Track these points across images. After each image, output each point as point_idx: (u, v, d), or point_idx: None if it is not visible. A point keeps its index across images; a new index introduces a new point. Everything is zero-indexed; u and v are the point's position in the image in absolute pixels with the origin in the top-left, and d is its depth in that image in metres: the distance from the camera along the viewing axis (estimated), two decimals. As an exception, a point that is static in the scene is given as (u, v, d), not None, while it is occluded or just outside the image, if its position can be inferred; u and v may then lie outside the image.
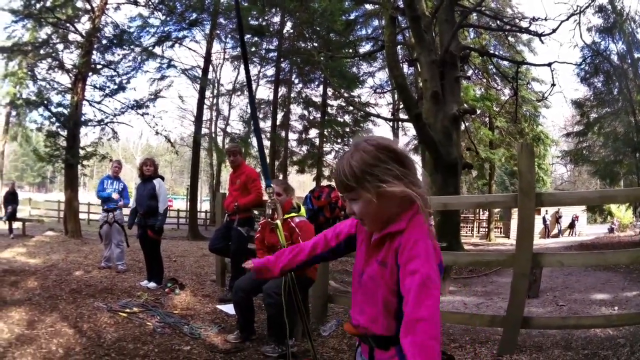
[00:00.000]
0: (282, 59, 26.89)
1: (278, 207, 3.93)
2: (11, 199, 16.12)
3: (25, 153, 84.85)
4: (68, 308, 5.96)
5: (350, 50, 24.76)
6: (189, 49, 26.58)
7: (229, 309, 6.38)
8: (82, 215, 19.46)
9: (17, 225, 16.27)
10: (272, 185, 3.80)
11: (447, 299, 8.98)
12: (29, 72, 19.07)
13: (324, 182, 26.76)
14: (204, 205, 34.91)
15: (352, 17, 25.63)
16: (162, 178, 8.19)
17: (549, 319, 6.57)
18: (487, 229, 31.87)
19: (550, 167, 37.83)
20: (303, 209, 5.19)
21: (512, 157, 27.70)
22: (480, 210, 30.83)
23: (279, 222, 3.81)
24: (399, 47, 17.76)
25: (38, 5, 17.45)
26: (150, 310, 6.13)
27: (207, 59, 23.85)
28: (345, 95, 27.57)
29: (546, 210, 32.82)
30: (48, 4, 17.78)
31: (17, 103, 21.03)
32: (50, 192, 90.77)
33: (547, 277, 11.16)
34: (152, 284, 7.71)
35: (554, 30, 15.03)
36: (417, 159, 28.37)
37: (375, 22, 26.63)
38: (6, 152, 34.49)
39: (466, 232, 31.73)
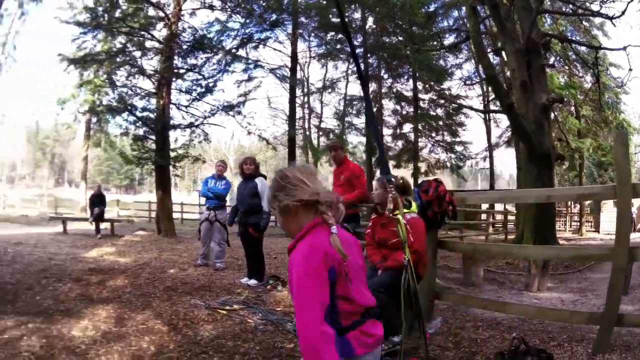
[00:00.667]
0: (368, 55, 26.71)
1: (399, 202, 3.81)
2: (97, 201, 16.49)
3: (110, 157, 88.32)
4: (162, 305, 6.00)
5: (435, 43, 24.38)
6: (274, 49, 26.70)
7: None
8: (175, 215, 19.86)
9: (104, 225, 16.66)
10: (392, 179, 3.72)
11: (545, 295, 8.57)
12: (107, 80, 19.68)
13: (425, 178, 26.20)
14: None
15: (431, 9, 25.23)
16: (265, 177, 8.20)
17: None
18: (578, 223, 30.65)
19: (633, 157, 35.94)
20: (414, 205, 5.04)
21: (599, 147, 26.78)
22: (572, 203, 29.55)
23: (400, 216, 3.69)
24: (482, 37, 17.28)
25: (106, 17, 17.98)
26: (252, 308, 6.10)
27: (294, 58, 24.03)
28: (436, 88, 27.18)
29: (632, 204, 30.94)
30: (117, 14, 18.35)
31: (97, 110, 21.79)
32: (139, 193, 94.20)
33: (635, 272, 10.57)
34: (252, 281, 7.72)
35: (622, 12, 14.25)
36: (510, 151, 27.69)
37: (455, 13, 26.16)
38: (89, 157, 36.02)
39: (559, 227, 30.64)
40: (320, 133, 32.81)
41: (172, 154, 17.99)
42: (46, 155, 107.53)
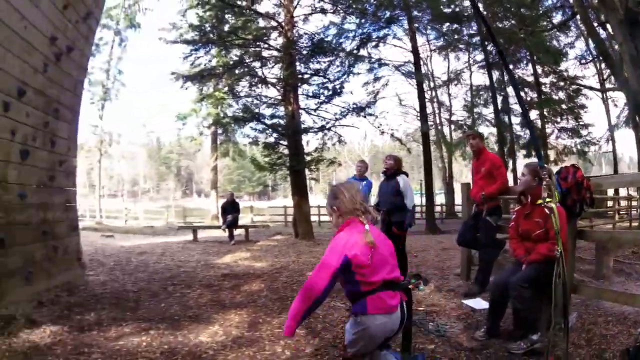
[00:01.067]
0: (486, 42, 26.05)
1: (553, 190, 3.68)
2: (230, 208, 16.75)
3: (240, 166, 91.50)
4: None
5: (545, 23, 23.37)
6: (394, 45, 26.61)
7: (475, 303, 6.12)
8: (312, 218, 20.12)
9: (238, 232, 17.03)
10: (545, 166, 3.62)
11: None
12: (229, 92, 20.19)
13: (554, 165, 25.21)
14: (437, 198, 35.05)
15: None
16: (406, 174, 8.06)
17: None
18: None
19: None
20: (556, 193, 4.85)
21: None
22: None
23: (553, 205, 3.56)
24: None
25: (216, 32, 18.54)
26: None
27: (415, 53, 23.76)
28: (554, 70, 26.10)
29: None
30: (227, 28, 18.79)
31: (222, 122, 22.41)
32: (273, 199, 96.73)
33: None
34: None
35: None
36: (629, 132, 26.00)
37: None
38: (219, 167, 37.26)
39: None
40: (452, 127, 32.33)
41: (307, 158, 18.23)
42: (171, 168, 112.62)
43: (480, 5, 25.19)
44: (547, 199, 4.14)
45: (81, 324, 5.36)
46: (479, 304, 6.00)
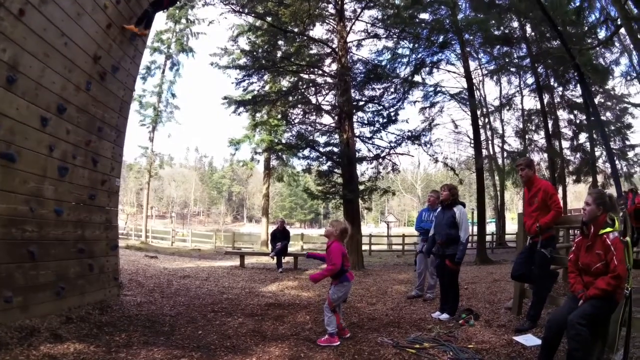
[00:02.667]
0: (536, 64, 25.51)
1: (628, 222, 3.37)
2: (280, 235, 16.43)
3: (292, 193, 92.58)
4: (345, 344, 5.69)
5: (590, 40, 22.80)
6: (448, 71, 26.36)
7: (526, 340, 5.70)
8: (363, 247, 19.83)
9: (287, 259, 16.71)
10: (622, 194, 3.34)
11: None
12: (282, 119, 20.19)
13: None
14: (487, 227, 34.36)
15: (577, 2, 23.63)
16: (463, 205, 7.82)
17: None
18: None
19: None
20: (617, 223, 4.47)
21: None
22: None
23: (628, 239, 3.25)
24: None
25: (268, 58, 18.62)
26: (443, 346, 5.59)
27: (468, 78, 23.42)
28: (600, 90, 25.42)
29: None
30: (279, 54, 18.82)
31: (276, 149, 22.42)
32: (324, 227, 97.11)
33: None
34: (444, 316, 7.28)
35: None
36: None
37: (598, 4, 24.15)
38: (271, 194, 37.41)
39: None
40: (505, 154, 31.71)
41: (360, 187, 17.94)
42: (222, 193, 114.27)
43: (528, 28, 24.84)
44: (609, 229, 3.83)
45: (109, 344, 5.24)
46: (531, 340, 5.61)
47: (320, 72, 18.57)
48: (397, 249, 29.35)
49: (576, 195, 44.54)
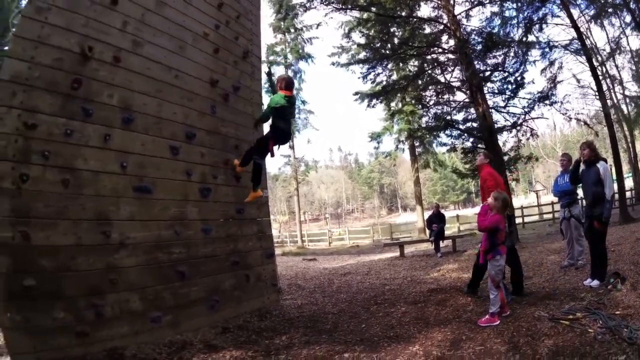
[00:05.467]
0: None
1: None
2: (436, 220, 16.27)
3: (442, 176, 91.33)
4: (504, 321, 5.58)
5: None
6: (556, 24, 24.99)
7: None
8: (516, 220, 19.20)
9: (445, 243, 16.65)
10: None
11: None
12: (417, 104, 19.99)
13: None
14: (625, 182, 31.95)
15: None
16: (605, 161, 7.29)
17: None
18: None
19: None
20: None
21: None
22: None
23: None
24: None
25: (386, 47, 18.48)
26: (593, 314, 5.26)
27: (575, 26, 22.03)
28: None
29: None
30: (395, 41, 18.62)
31: (417, 135, 22.22)
32: (477, 205, 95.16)
33: None
34: (594, 282, 6.86)
35: None
36: None
37: None
38: (421, 180, 37.05)
39: None
40: (627, 100, 29.41)
41: (505, 158, 17.50)
42: (374, 187, 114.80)
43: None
44: None
45: (269, 348, 5.43)
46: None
47: (440, 50, 18.23)
48: (547, 218, 27.87)
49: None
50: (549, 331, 4.96)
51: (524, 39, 18.41)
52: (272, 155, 6.65)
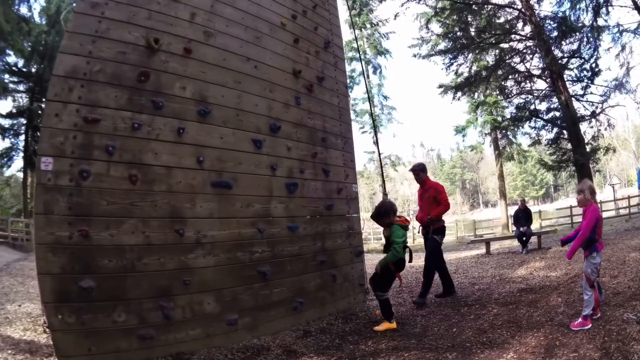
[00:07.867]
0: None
1: None
2: (522, 215, 15.77)
3: (522, 171, 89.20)
4: (595, 324, 5.11)
5: None
6: (621, 6, 23.66)
7: None
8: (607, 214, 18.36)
9: (532, 239, 15.86)
10: None
11: None
12: (500, 94, 19.49)
13: None
14: None
15: None
16: None
17: None
18: None
19: None
20: None
21: None
22: None
23: None
24: None
25: (465, 36, 17.93)
26: None
27: (637, 8, 20.93)
28: None
29: None
30: (472, 30, 18.14)
31: (501, 126, 21.61)
32: (555, 200, 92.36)
33: None
34: None
35: None
36: None
37: None
38: (504, 174, 36.11)
39: None
40: None
41: (587, 148, 16.98)
42: (456, 183, 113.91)
43: None
44: None
45: (353, 354, 5.18)
46: None
47: (517, 37, 17.85)
48: (623, 213, 26.33)
49: None
50: (637, 335, 4.55)
51: (594, 23, 17.72)
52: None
